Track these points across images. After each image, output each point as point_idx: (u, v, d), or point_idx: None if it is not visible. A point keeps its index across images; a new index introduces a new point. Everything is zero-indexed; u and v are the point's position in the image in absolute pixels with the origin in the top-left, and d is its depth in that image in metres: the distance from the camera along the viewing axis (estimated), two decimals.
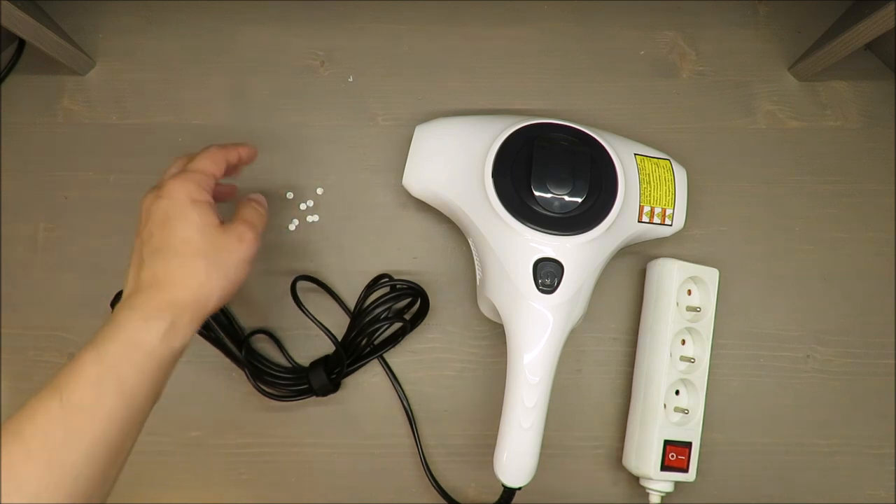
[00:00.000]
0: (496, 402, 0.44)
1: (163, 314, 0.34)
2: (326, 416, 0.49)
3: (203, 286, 0.35)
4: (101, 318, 0.47)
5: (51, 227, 0.52)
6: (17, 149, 0.53)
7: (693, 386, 0.47)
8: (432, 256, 0.52)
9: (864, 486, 0.49)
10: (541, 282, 0.42)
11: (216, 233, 0.37)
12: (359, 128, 0.54)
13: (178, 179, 0.37)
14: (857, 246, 0.52)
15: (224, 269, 0.36)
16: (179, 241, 0.36)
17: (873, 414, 0.50)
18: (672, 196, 0.48)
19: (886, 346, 0.51)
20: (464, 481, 0.49)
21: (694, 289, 0.49)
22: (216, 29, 0.56)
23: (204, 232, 0.36)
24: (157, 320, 0.34)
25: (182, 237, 0.36)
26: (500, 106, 0.55)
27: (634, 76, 0.56)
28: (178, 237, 0.36)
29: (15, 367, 0.50)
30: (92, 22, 0.56)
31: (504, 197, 0.43)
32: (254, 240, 0.38)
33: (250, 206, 0.41)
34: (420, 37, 0.56)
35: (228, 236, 0.37)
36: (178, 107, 0.54)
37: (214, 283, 0.36)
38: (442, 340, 0.51)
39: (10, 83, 0.55)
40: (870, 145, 0.54)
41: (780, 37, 0.57)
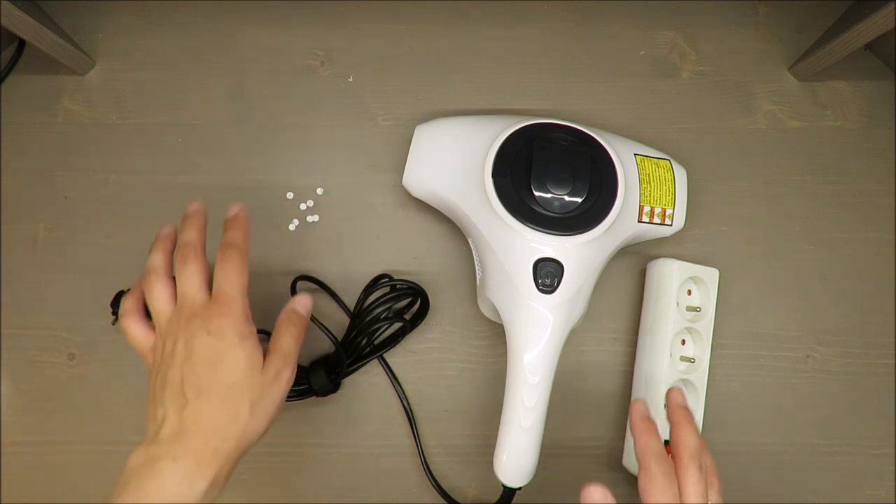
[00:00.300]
0: (496, 402, 0.44)
1: (208, 467, 0.34)
2: (326, 416, 0.49)
3: (245, 434, 0.35)
4: (101, 317, 0.47)
5: (51, 227, 0.52)
6: (17, 149, 0.53)
7: (693, 386, 0.47)
8: (432, 256, 0.52)
9: (864, 486, 0.49)
10: (541, 282, 0.42)
11: (259, 376, 0.36)
12: (359, 128, 0.54)
13: (226, 315, 0.36)
14: (857, 246, 0.53)
15: (265, 413, 0.36)
16: (227, 387, 0.35)
17: (873, 414, 0.50)
18: (672, 196, 0.48)
19: (886, 346, 0.51)
20: (464, 481, 0.49)
21: (694, 289, 0.49)
22: (216, 29, 0.56)
23: (250, 376, 0.36)
24: (202, 474, 0.33)
25: (230, 382, 0.35)
26: (500, 106, 0.55)
27: (634, 76, 0.56)
28: (225, 382, 0.35)
29: (15, 367, 0.50)
30: (92, 22, 0.56)
31: (504, 197, 0.43)
32: (290, 377, 0.38)
33: (288, 331, 0.39)
34: (420, 37, 0.56)
35: (268, 376, 0.37)
36: (178, 107, 0.54)
37: (256, 429, 0.36)
38: (442, 340, 0.50)
39: (10, 83, 0.55)
40: (870, 145, 0.54)
41: (780, 37, 0.57)
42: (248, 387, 0.36)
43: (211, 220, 0.52)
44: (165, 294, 0.38)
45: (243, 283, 0.38)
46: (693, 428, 0.38)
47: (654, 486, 0.35)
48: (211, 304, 0.37)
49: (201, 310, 0.37)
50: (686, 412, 0.39)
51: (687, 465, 0.36)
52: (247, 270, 0.39)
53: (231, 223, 0.41)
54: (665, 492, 0.35)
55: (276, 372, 0.37)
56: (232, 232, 0.40)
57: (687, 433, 0.37)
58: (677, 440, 0.37)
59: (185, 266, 0.38)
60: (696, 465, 0.36)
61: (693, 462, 0.36)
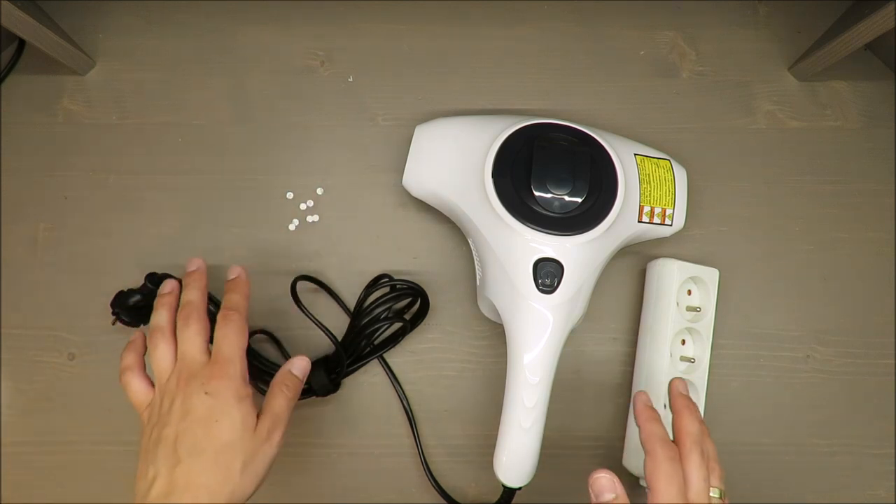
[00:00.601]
0: (496, 402, 0.44)
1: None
2: (326, 416, 0.49)
3: (235, 493, 0.36)
4: (101, 317, 0.48)
5: (51, 227, 0.52)
6: (17, 149, 0.53)
7: (693, 386, 0.47)
8: (432, 256, 0.52)
9: (864, 486, 0.49)
10: (541, 282, 0.42)
11: (252, 437, 0.37)
12: (359, 128, 0.54)
13: (224, 377, 0.37)
14: (857, 246, 0.53)
15: (255, 473, 0.37)
16: (220, 447, 0.36)
17: (873, 414, 0.50)
18: (672, 196, 0.48)
19: (886, 346, 0.51)
20: (464, 481, 0.49)
21: (694, 289, 0.49)
22: (216, 29, 0.56)
23: (243, 437, 0.37)
24: None
25: (224, 442, 0.36)
26: (500, 106, 0.55)
27: (634, 76, 0.56)
28: (219, 442, 0.36)
29: (15, 367, 0.50)
30: (92, 22, 0.56)
31: (504, 197, 0.43)
32: (281, 438, 0.39)
33: (282, 393, 0.40)
34: (420, 37, 0.56)
35: (260, 437, 0.37)
36: (178, 107, 0.54)
37: (246, 488, 0.36)
38: (442, 340, 0.50)
39: (10, 83, 0.55)
40: (870, 145, 0.54)
41: (780, 37, 0.57)
42: (241, 447, 0.36)
43: (212, 219, 0.52)
44: (169, 353, 0.40)
45: (242, 345, 0.39)
46: (695, 415, 0.38)
47: (659, 471, 0.35)
48: (211, 365, 0.38)
49: (201, 370, 0.38)
50: (687, 400, 0.39)
51: (690, 450, 0.36)
52: (246, 332, 0.40)
53: (232, 285, 0.43)
54: (671, 476, 0.35)
55: (268, 432, 0.38)
56: (233, 294, 0.42)
57: (689, 420, 0.37)
58: (679, 427, 0.37)
59: (187, 327, 0.40)
60: (698, 450, 0.36)
61: (695, 448, 0.36)
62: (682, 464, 0.36)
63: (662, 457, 0.36)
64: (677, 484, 0.35)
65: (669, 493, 0.34)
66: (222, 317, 0.40)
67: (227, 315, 0.40)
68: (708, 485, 0.36)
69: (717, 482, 0.36)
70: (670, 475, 0.35)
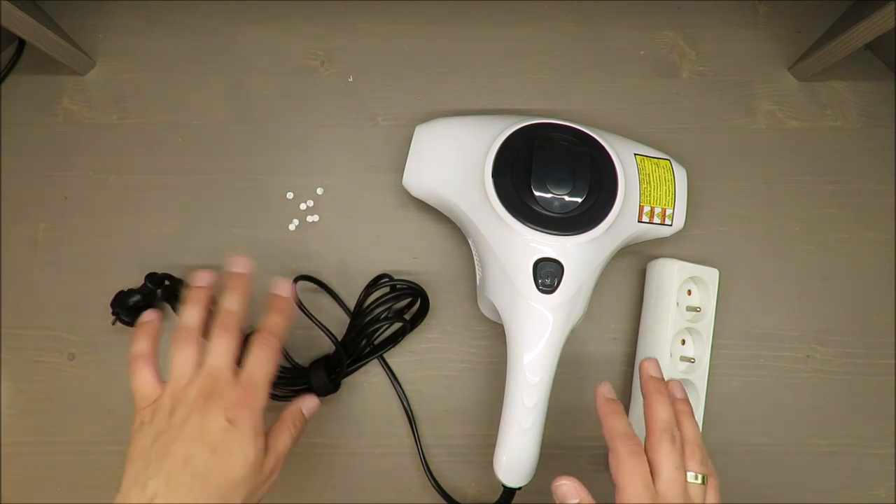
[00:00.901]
0: (496, 402, 0.44)
1: None
2: (326, 416, 0.49)
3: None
4: (101, 317, 0.48)
5: (51, 227, 0.52)
6: (17, 149, 0.53)
7: (693, 386, 0.47)
8: (432, 256, 0.52)
9: (864, 486, 0.49)
10: (541, 282, 0.42)
11: (257, 475, 0.36)
12: (359, 128, 0.54)
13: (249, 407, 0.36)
14: (857, 246, 0.53)
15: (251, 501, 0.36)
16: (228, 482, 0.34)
17: (873, 414, 0.50)
18: (672, 196, 0.48)
19: (886, 346, 0.51)
20: (464, 481, 0.49)
21: (694, 289, 0.49)
22: (216, 29, 0.56)
23: (251, 476, 0.35)
24: None
25: (232, 479, 0.34)
26: (500, 106, 0.55)
27: (634, 76, 0.56)
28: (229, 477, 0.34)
29: (15, 367, 0.50)
30: (92, 22, 0.56)
31: (504, 197, 0.43)
32: (278, 473, 0.38)
33: (289, 432, 0.39)
34: (420, 37, 0.56)
35: (263, 475, 0.36)
36: (178, 107, 0.54)
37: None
38: (442, 340, 0.50)
39: (10, 83, 0.55)
40: (870, 145, 0.54)
41: (780, 37, 0.57)
42: (246, 485, 0.35)
43: (212, 219, 0.52)
44: (193, 358, 0.37)
45: (272, 373, 0.38)
46: (664, 399, 0.37)
47: (621, 467, 0.34)
48: (236, 387, 0.36)
49: (225, 390, 0.36)
50: (658, 383, 0.38)
51: (659, 437, 0.35)
52: (278, 360, 0.38)
53: (278, 304, 0.40)
54: (634, 472, 0.34)
55: (270, 472, 0.37)
56: (276, 317, 0.40)
57: (658, 405, 0.36)
58: (649, 414, 0.37)
59: (222, 338, 0.37)
60: (668, 437, 0.35)
61: (665, 434, 0.35)
62: (652, 453, 0.35)
63: (623, 452, 0.35)
64: (642, 478, 0.34)
65: (633, 488, 0.33)
66: (261, 340, 0.38)
67: (266, 340, 0.38)
68: (682, 472, 0.35)
69: (695, 466, 0.35)
70: (633, 469, 0.34)
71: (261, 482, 0.36)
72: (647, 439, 0.36)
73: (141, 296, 0.47)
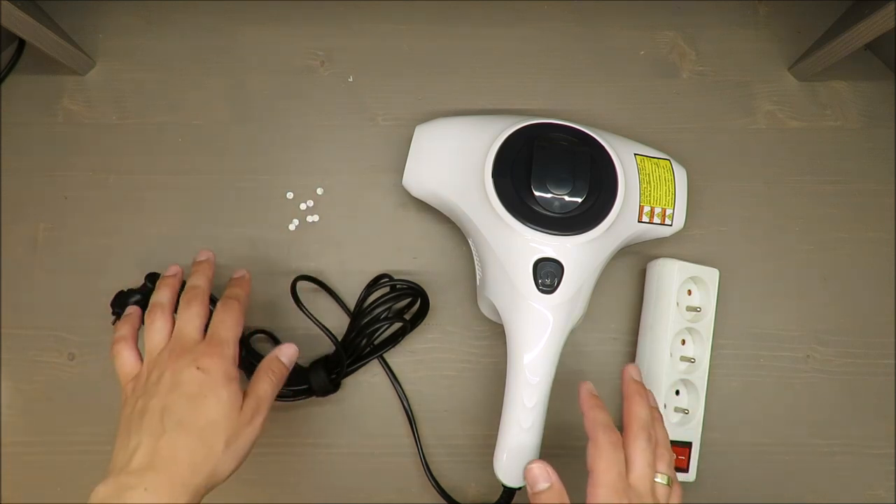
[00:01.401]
0: (496, 402, 0.44)
1: (178, 499, 0.34)
2: (326, 416, 0.49)
3: (215, 471, 0.36)
4: (101, 317, 0.47)
5: (51, 227, 0.52)
6: (17, 149, 0.53)
7: (693, 386, 0.47)
8: (432, 256, 0.52)
9: (864, 486, 0.49)
10: (541, 282, 0.42)
11: (237, 417, 0.37)
12: (359, 128, 0.54)
13: (217, 356, 0.38)
14: (857, 246, 0.53)
15: (236, 453, 0.37)
16: (205, 423, 0.36)
17: (873, 414, 0.50)
18: (672, 196, 0.48)
19: (886, 346, 0.51)
20: (464, 481, 0.49)
21: (694, 289, 0.49)
22: (216, 29, 0.56)
23: (229, 416, 0.37)
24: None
25: (209, 419, 0.36)
26: (500, 106, 0.55)
27: (634, 76, 0.56)
28: (205, 418, 0.36)
29: (15, 367, 0.50)
30: (92, 22, 0.56)
31: (504, 197, 0.43)
32: (262, 421, 0.39)
33: (267, 377, 0.40)
34: (420, 37, 0.56)
35: (244, 418, 0.38)
36: (178, 107, 0.54)
37: (226, 467, 0.37)
38: (442, 340, 0.50)
39: (10, 83, 0.55)
40: (870, 145, 0.54)
41: (780, 37, 0.57)
42: (225, 425, 0.37)
43: (212, 219, 0.52)
44: (165, 329, 0.40)
45: (237, 332, 0.40)
46: (645, 401, 0.39)
47: (600, 456, 0.36)
48: (205, 344, 0.39)
49: (194, 347, 0.39)
50: (639, 386, 0.40)
51: (636, 434, 0.36)
52: (242, 321, 0.41)
53: (235, 281, 0.44)
54: (611, 461, 0.35)
55: (252, 414, 0.38)
56: (236, 288, 0.43)
57: (638, 405, 0.38)
58: (628, 412, 0.38)
59: (188, 307, 0.41)
60: (645, 435, 0.36)
61: (642, 432, 0.37)
62: (628, 448, 0.36)
63: (604, 442, 0.36)
64: (618, 469, 0.35)
65: (609, 477, 0.35)
66: (222, 303, 0.41)
67: (226, 302, 0.41)
68: (653, 470, 0.36)
69: (664, 468, 0.36)
70: (611, 460, 0.35)
71: (243, 425, 0.37)
72: (624, 435, 0.37)
73: (141, 296, 0.47)
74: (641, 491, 0.35)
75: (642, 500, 0.35)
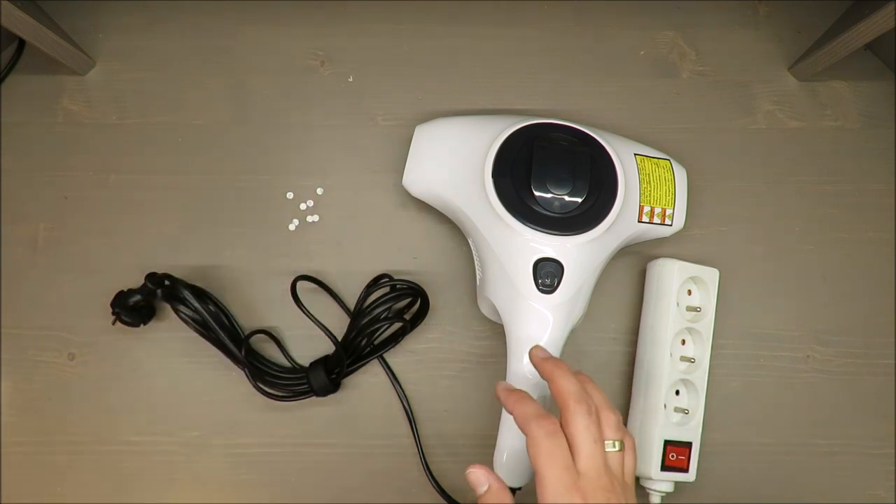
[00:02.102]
0: (496, 403, 0.43)
1: None
2: (326, 416, 0.49)
3: None
4: (101, 317, 0.48)
5: (51, 227, 0.52)
6: (17, 149, 0.53)
7: (693, 386, 0.47)
8: (432, 256, 0.52)
9: (864, 486, 0.49)
10: (541, 282, 0.42)
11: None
12: (359, 128, 0.54)
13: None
14: (857, 246, 0.53)
15: None
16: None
17: (873, 414, 0.50)
18: (672, 196, 0.48)
19: (886, 346, 0.51)
20: (464, 481, 0.48)
21: (694, 289, 0.49)
22: (216, 29, 0.56)
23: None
24: None
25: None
26: (500, 106, 0.55)
27: (634, 76, 0.56)
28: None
29: (15, 367, 0.50)
30: (92, 22, 0.56)
31: (504, 197, 0.43)
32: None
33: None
34: (420, 37, 0.56)
35: None
36: (178, 107, 0.54)
37: None
38: (442, 340, 0.50)
39: (10, 83, 0.55)
40: (870, 145, 0.54)
41: (780, 37, 0.57)
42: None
43: (212, 219, 0.52)
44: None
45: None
46: (565, 372, 0.36)
47: (539, 450, 0.33)
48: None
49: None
50: (555, 361, 0.37)
51: (574, 412, 0.33)
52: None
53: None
54: (552, 455, 0.32)
55: None
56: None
57: (562, 378, 0.35)
58: (557, 390, 0.35)
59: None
60: (583, 408, 0.33)
61: (579, 407, 0.33)
62: (568, 427, 0.33)
63: (539, 435, 0.33)
64: (561, 458, 0.32)
65: (553, 473, 0.32)
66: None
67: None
68: (601, 444, 0.33)
69: (611, 433, 0.34)
70: (552, 454, 0.32)
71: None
72: (561, 415, 0.34)
73: (141, 296, 0.47)
74: (593, 474, 0.32)
75: (596, 482, 0.32)
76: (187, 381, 0.49)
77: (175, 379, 0.50)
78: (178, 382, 0.50)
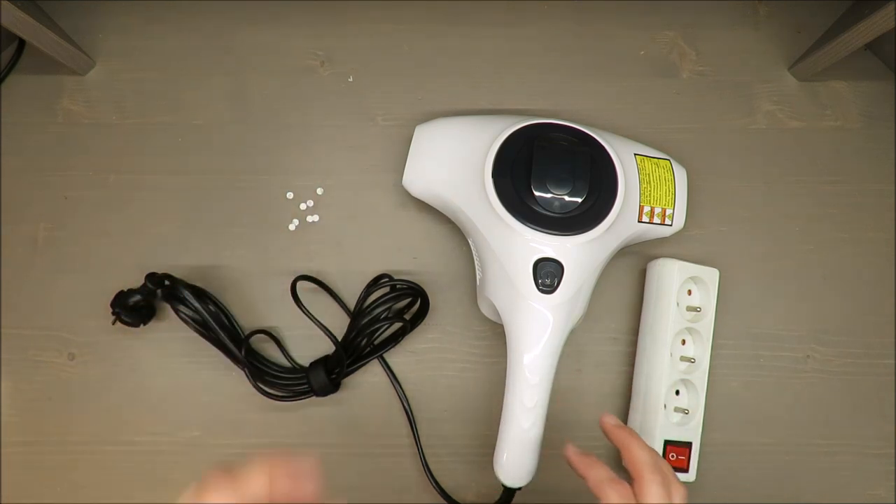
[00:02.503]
0: (496, 402, 0.44)
1: None
2: (326, 416, 0.49)
3: None
4: (101, 317, 0.48)
5: (51, 227, 0.52)
6: (17, 149, 0.53)
7: (693, 386, 0.47)
8: (432, 256, 0.52)
9: (864, 486, 0.49)
10: (541, 282, 0.42)
11: None
12: (359, 128, 0.54)
13: None
14: (857, 246, 0.53)
15: None
16: None
17: (873, 414, 0.50)
18: (672, 196, 0.48)
19: (886, 346, 0.51)
20: (464, 481, 0.49)
21: (694, 289, 0.49)
22: (216, 29, 0.56)
23: None
24: None
25: None
26: (500, 106, 0.55)
27: (634, 76, 0.56)
28: None
29: (15, 367, 0.50)
30: (92, 22, 0.56)
31: (504, 197, 0.43)
32: None
33: None
34: (420, 37, 0.56)
35: None
36: (178, 107, 0.54)
37: None
38: (442, 340, 0.50)
39: (10, 83, 0.55)
40: (870, 145, 0.54)
41: (780, 37, 0.57)
42: None
43: (212, 219, 0.52)
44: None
45: None
46: (639, 442, 0.37)
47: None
48: None
49: None
50: (627, 430, 0.39)
51: (649, 481, 0.35)
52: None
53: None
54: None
55: None
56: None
57: (638, 449, 0.37)
58: (631, 459, 0.37)
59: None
60: (658, 479, 0.35)
61: (654, 477, 0.35)
62: (642, 498, 0.35)
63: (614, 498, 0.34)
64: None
65: None
66: None
67: None
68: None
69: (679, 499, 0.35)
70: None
71: None
72: (635, 484, 0.36)
73: (141, 296, 0.47)
74: None
75: None
76: (187, 381, 0.49)
77: (175, 379, 0.50)
78: (178, 382, 0.50)
